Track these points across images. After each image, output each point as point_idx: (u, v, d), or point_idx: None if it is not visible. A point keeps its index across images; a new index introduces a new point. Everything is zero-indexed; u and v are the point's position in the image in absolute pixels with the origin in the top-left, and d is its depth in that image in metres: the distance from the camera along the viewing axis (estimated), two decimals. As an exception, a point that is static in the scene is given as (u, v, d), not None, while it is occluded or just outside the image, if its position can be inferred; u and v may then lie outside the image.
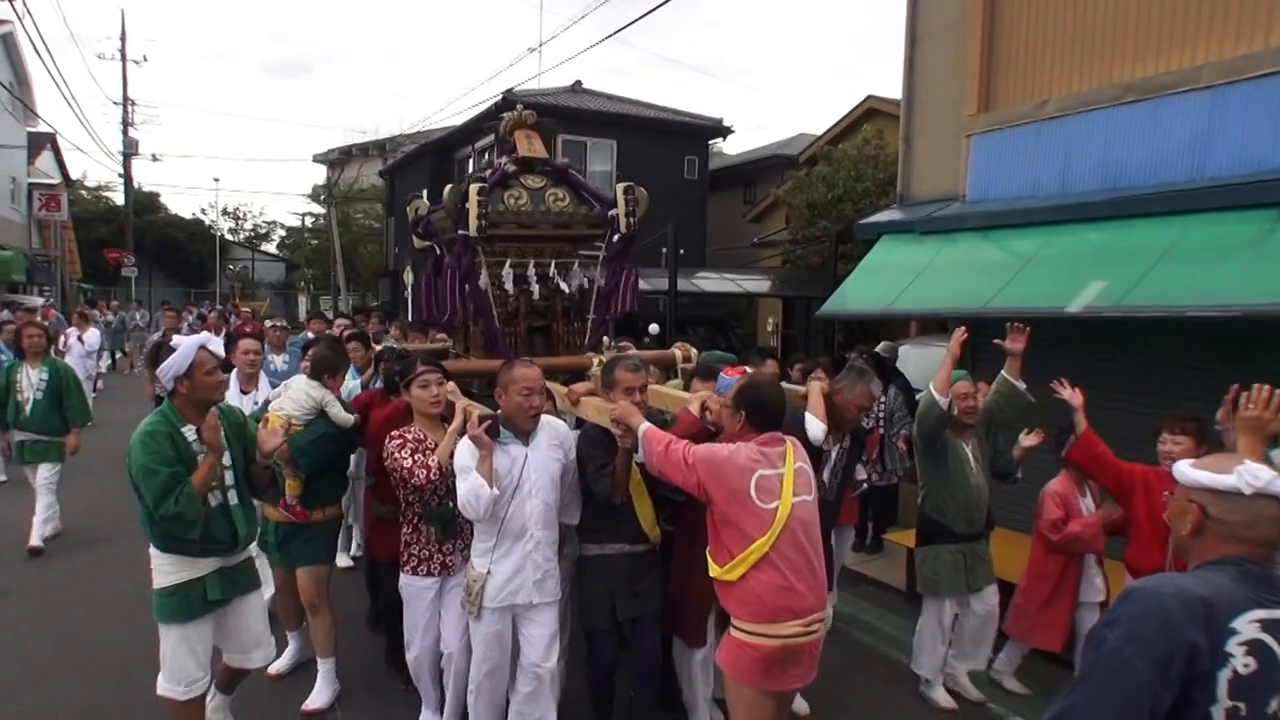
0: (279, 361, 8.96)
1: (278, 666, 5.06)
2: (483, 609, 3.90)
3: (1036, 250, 6.81)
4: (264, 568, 5.01)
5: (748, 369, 4.45)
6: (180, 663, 3.76)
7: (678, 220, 18.99)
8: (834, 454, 4.48)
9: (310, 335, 10.03)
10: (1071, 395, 4.62)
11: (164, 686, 3.79)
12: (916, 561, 5.22)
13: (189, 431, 3.73)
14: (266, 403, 5.23)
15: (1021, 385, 4.92)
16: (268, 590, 4.95)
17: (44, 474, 7.48)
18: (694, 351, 5.73)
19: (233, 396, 5.52)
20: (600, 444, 4.09)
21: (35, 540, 7.38)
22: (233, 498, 3.85)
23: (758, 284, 16.44)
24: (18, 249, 30.29)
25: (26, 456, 7.47)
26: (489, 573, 3.87)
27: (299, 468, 4.59)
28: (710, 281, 16.31)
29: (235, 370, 5.96)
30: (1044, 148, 7.24)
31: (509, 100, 20.38)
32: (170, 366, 3.69)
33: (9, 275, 28.37)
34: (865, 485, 6.77)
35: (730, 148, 33.76)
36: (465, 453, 3.83)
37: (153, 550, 3.78)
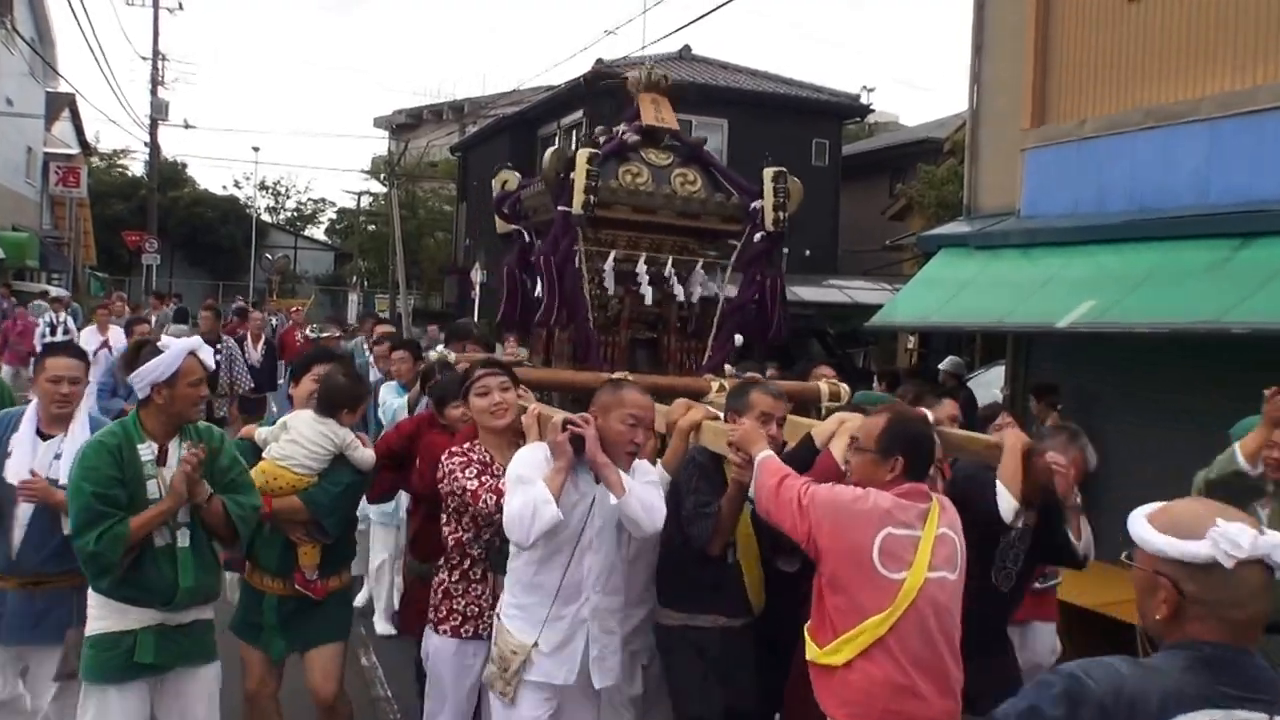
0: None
1: None
2: (519, 691, 4.13)
3: (1057, 270, 9.72)
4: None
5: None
6: None
7: (802, 215, 22.05)
8: (1015, 530, 4.46)
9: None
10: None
11: None
12: None
13: (146, 450, 4.12)
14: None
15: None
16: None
17: None
18: (845, 388, 5.93)
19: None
20: (708, 473, 4.47)
21: None
22: (183, 538, 4.16)
23: (873, 294, 19.32)
24: (31, 230, 34.43)
25: None
26: (536, 644, 4.10)
27: (325, 531, 4.87)
28: (813, 290, 19.30)
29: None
30: (1084, 166, 10.14)
31: (600, 71, 23.86)
32: (151, 370, 4.11)
33: (22, 260, 32.63)
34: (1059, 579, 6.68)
35: (911, 118, 36.39)
36: (526, 461, 4.13)
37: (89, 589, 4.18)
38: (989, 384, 12.43)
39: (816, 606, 3.77)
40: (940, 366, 11.95)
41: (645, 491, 4.10)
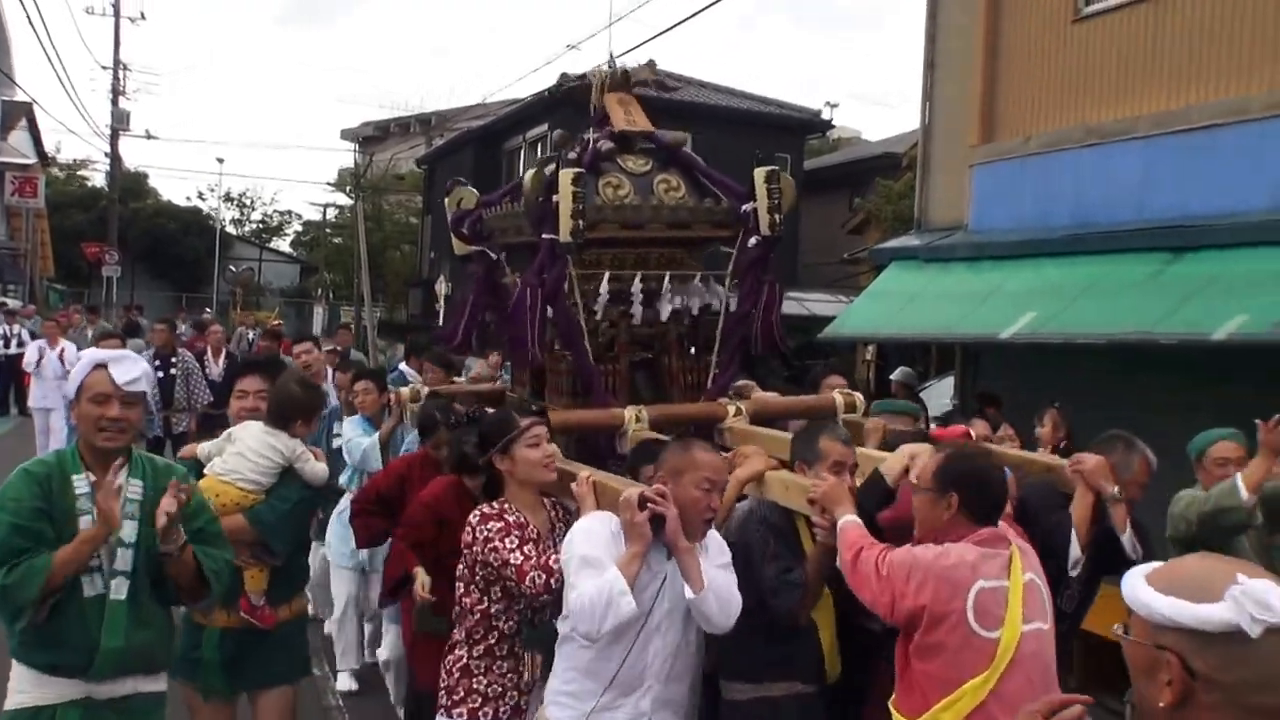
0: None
1: None
2: None
3: (1002, 282, 10.12)
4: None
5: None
6: None
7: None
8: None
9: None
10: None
11: None
12: None
13: (81, 482, 3.66)
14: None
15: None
16: None
17: None
18: (859, 398, 5.69)
19: None
20: (784, 535, 4.10)
21: None
22: (118, 589, 3.61)
23: (831, 306, 19.71)
24: (-14, 241, 35.07)
25: None
26: None
27: (272, 553, 4.51)
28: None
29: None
30: (1029, 182, 10.55)
31: (564, 84, 24.19)
32: (67, 388, 3.84)
33: (-24, 271, 33.11)
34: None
35: (874, 134, 37.13)
36: (591, 538, 3.71)
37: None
38: (941, 394, 12.80)
39: (902, 676, 3.51)
40: (892, 377, 12.34)
41: (722, 581, 3.68)
